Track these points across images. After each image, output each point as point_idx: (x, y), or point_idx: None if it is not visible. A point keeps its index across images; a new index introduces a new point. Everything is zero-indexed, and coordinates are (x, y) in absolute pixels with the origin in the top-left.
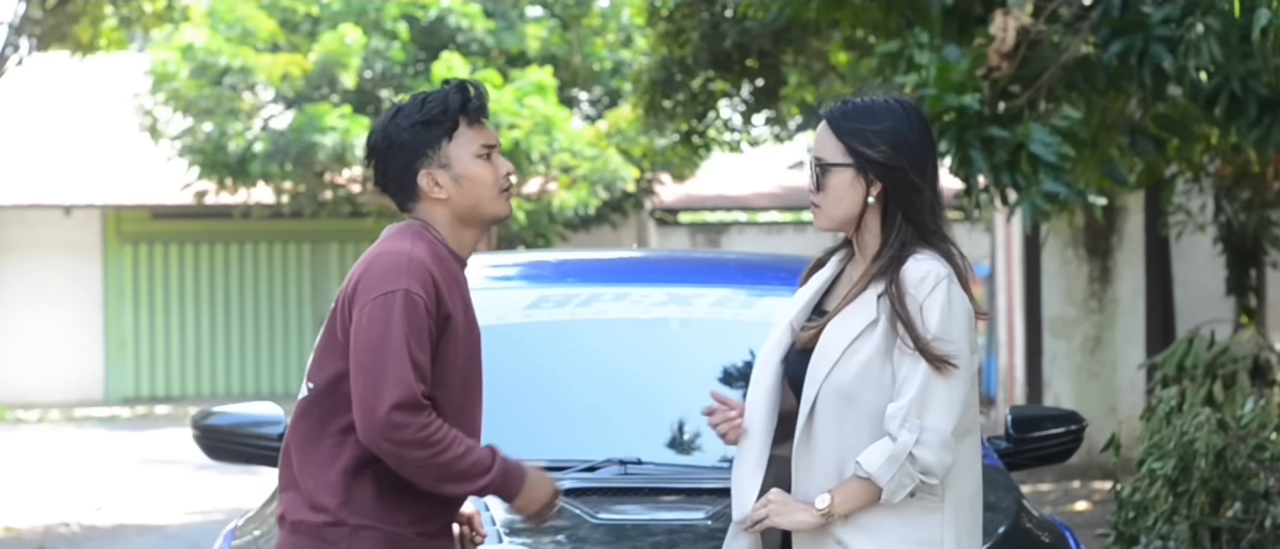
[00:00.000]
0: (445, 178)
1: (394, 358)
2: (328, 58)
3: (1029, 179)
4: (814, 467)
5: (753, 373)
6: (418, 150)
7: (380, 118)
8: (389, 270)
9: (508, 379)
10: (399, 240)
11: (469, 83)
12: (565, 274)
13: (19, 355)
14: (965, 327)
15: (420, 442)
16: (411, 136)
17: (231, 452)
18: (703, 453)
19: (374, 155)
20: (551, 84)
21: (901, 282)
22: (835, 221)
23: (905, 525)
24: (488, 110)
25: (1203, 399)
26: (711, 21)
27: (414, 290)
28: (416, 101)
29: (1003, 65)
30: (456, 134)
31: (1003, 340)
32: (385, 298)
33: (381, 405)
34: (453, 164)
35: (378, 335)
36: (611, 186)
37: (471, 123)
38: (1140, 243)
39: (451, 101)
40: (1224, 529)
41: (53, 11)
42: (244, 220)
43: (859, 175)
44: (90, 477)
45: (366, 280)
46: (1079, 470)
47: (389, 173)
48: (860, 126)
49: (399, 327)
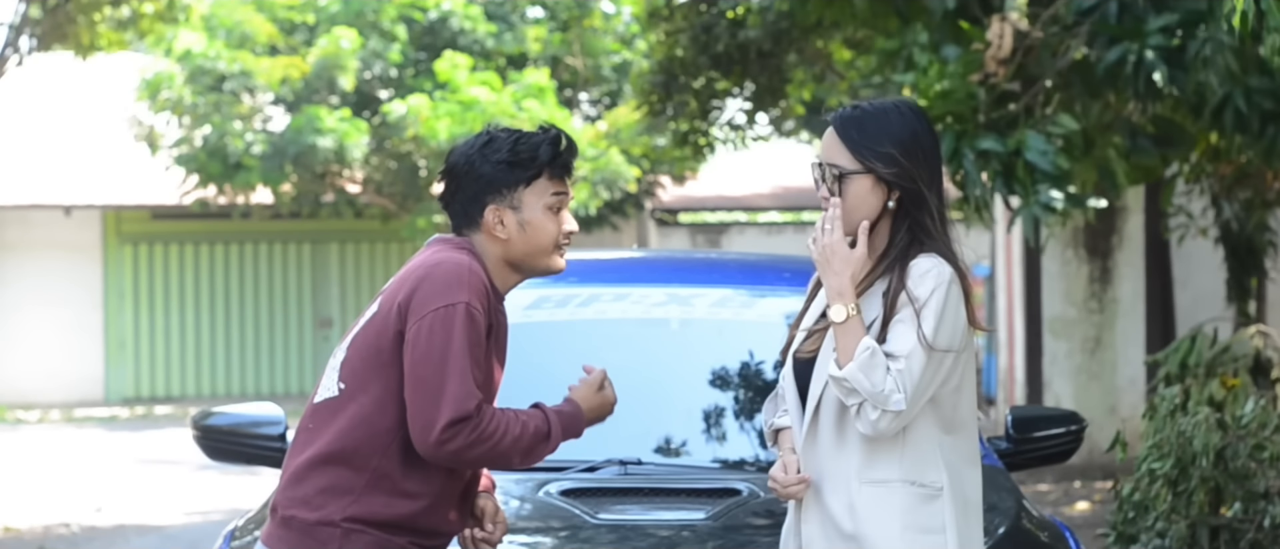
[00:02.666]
0: (512, 219)
1: (454, 373)
2: (326, 61)
3: (1027, 188)
4: (820, 468)
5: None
6: (495, 186)
7: (468, 141)
8: (451, 281)
9: (508, 379)
10: (456, 251)
11: (565, 136)
12: (565, 274)
13: (19, 355)
14: (958, 328)
15: (474, 442)
16: (493, 171)
17: (232, 452)
18: (703, 453)
19: (450, 176)
20: (550, 86)
21: (905, 276)
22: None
23: (907, 512)
24: (572, 169)
25: (1206, 398)
26: (711, 22)
27: (474, 305)
28: (510, 138)
29: (999, 71)
30: (536, 182)
31: (1003, 341)
32: (447, 310)
33: (438, 421)
34: (523, 209)
35: (439, 348)
36: (612, 187)
37: (553, 176)
38: (1140, 243)
39: (543, 153)
40: (1223, 528)
41: (53, 11)
42: (244, 221)
43: (878, 182)
44: (90, 477)
45: (427, 289)
46: (1079, 470)
47: (458, 196)
48: (874, 134)
49: (460, 341)
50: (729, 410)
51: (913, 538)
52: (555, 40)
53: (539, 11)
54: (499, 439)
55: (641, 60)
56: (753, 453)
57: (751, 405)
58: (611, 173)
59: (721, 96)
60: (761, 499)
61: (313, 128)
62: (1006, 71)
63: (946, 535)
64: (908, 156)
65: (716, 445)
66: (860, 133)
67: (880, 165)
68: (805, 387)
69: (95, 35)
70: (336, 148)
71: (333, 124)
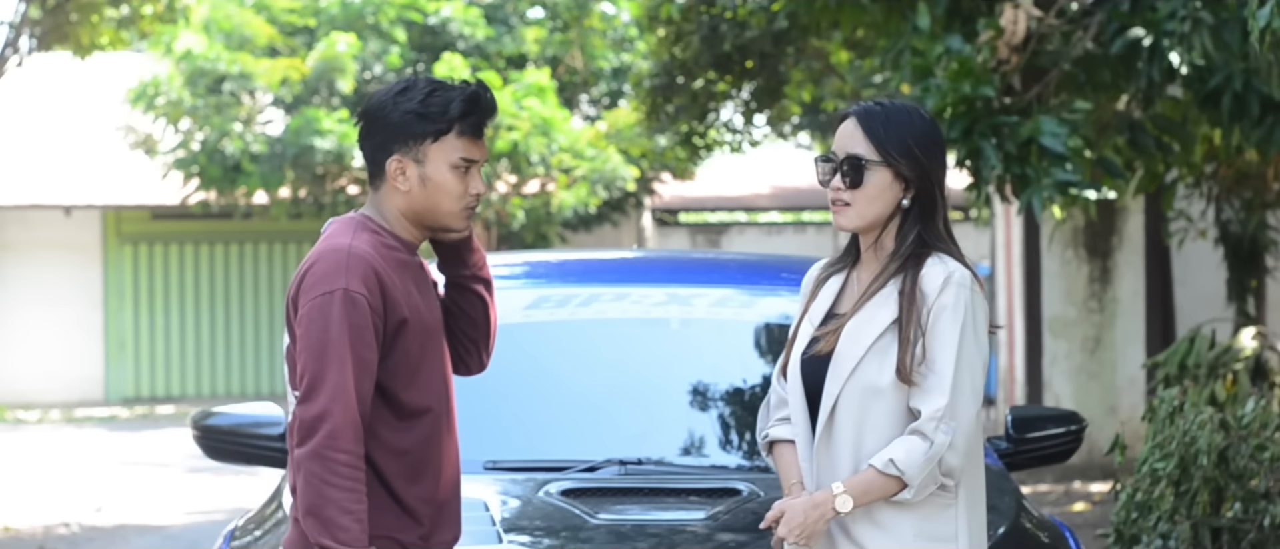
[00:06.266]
0: (414, 172)
1: (333, 361)
2: (325, 64)
3: (1038, 170)
4: (834, 467)
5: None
6: (400, 136)
7: (388, 86)
8: (328, 269)
9: (508, 379)
10: (337, 236)
11: (482, 94)
12: (565, 274)
13: (19, 355)
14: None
15: (325, 449)
16: (401, 120)
17: (231, 452)
18: (703, 453)
19: (363, 119)
20: (550, 86)
21: (922, 281)
22: (866, 220)
23: (921, 521)
24: (484, 129)
25: (1206, 399)
26: (711, 23)
27: (354, 289)
28: (425, 88)
29: (1012, 58)
30: (445, 137)
31: (1003, 340)
32: (324, 299)
33: (317, 415)
34: (427, 163)
35: (317, 339)
36: (611, 187)
37: (464, 134)
38: (1140, 243)
39: (454, 109)
40: (1224, 529)
41: (53, 11)
42: (244, 221)
43: (898, 177)
44: (90, 477)
45: (307, 282)
46: (1079, 470)
47: (368, 142)
48: (899, 130)
49: (339, 328)
50: (729, 411)
51: (925, 545)
52: (555, 41)
53: (539, 12)
54: (339, 475)
55: (641, 62)
56: (753, 453)
57: (751, 405)
58: (610, 173)
59: (720, 99)
60: (762, 499)
61: (311, 129)
62: (1019, 59)
63: (958, 543)
64: (927, 156)
65: (716, 445)
66: (885, 127)
67: (903, 161)
68: (815, 387)
69: (95, 35)
70: (335, 149)
71: (331, 125)
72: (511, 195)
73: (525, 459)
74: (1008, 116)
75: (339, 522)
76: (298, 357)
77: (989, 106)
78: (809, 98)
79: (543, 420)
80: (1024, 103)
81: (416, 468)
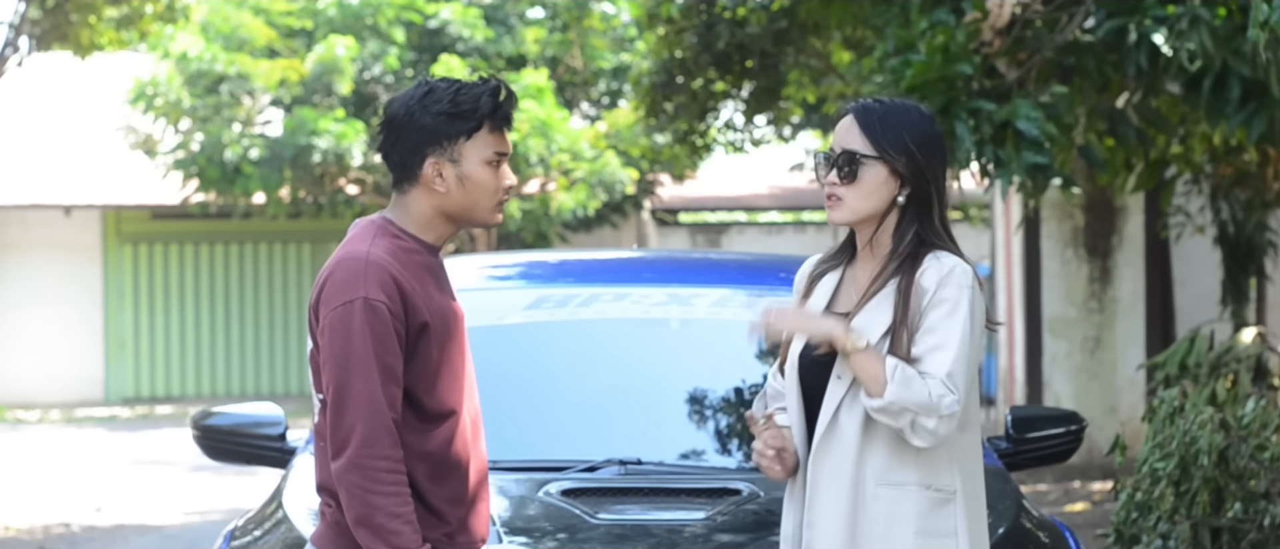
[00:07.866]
0: (451, 173)
1: (358, 371)
2: (323, 65)
3: (1011, 156)
4: (833, 472)
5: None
6: (435, 138)
7: (408, 91)
8: (348, 278)
9: (508, 379)
10: (358, 242)
11: (505, 86)
12: (565, 274)
13: (19, 355)
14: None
15: (363, 466)
16: (433, 122)
17: (232, 452)
18: (703, 453)
19: (389, 127)
20: (548, 87)
21: (920, 278)
22: (859, 215)
23: (921, 520)
24: (512, 120)
25: (1206, 399)
26: (710, 22)
27: (374, 297)
28: (450, 89)
29: (996, 42)
30: (477, 135)
31: (1003, 340)
32: (344, 308)
33: (352, 433)
34: (463, 162)
35: (341, 348)
36: (610, 189)
37: (494, 129)
38: (1140, 243)
39: (484, 104)
40: (1224, 529)
41: (53, 11)
42: (244, 221)
43: (893, 173)
44: (90, 477)
45: (328, 291)
46: (1079, 470)
47: (397, 148)
48: (896, 126)
49: (362, 338)
50: (729, 411)
51: (925, 542)
52: (555, 41)
53: (538, 12)
54: (381, 482)
55: (640, 61)
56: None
57: (751, 406)
58: (609, 175)
59: (719, 99)
60: (762, 499)
61: (305, 130)
62: (1003, 42)
63: (958, 539)
64: (924, 154)
65: (716, 445)
66: (882, 124)
67: (900, 158)
68: (812, 389)
69: (95, 35)
70: (334, 149)
71: (329, 126)
72: (510, 200)
73: (525, 459)
74: (986, 101)
75: (390, 527)
76: (322, 367)
77: (968, 86)
78: (811, 99)
79: (543, 420)
80: (1005, 87)
81: (441, 470)
